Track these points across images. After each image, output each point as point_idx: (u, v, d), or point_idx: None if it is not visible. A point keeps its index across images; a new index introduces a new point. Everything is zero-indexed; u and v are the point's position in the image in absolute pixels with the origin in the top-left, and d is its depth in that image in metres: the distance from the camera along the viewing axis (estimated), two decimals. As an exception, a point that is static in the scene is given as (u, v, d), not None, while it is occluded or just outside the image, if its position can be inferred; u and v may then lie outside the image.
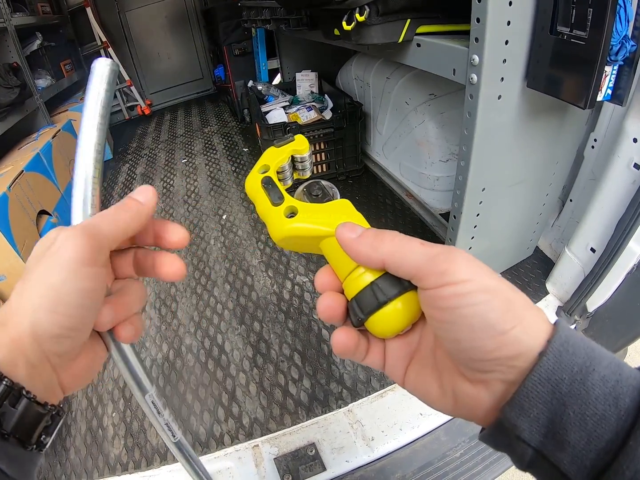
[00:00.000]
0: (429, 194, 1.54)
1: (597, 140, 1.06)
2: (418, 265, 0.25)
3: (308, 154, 0.36)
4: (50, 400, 0.27)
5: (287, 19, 1.40)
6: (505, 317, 0.23)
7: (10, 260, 1.33)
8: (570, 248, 1.08)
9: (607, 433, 0.20)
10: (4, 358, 0.24)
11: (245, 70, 2.75)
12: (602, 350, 0.23)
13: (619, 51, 0.68)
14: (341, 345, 0.30)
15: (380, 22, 0.83)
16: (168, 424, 0.40)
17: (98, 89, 0.29)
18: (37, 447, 0.26)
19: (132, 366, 0.34)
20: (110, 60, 0.29)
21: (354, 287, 0.29)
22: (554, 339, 0.22)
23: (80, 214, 0.29)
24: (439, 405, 0.28)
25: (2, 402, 0.23)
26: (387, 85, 1.59)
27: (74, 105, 2.61)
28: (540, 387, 0.22)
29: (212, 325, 1.28)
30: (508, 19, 0.70)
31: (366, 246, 0.27)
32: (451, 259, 0.24)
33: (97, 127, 0.29)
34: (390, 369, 0.31)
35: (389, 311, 0.27)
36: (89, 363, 0.30)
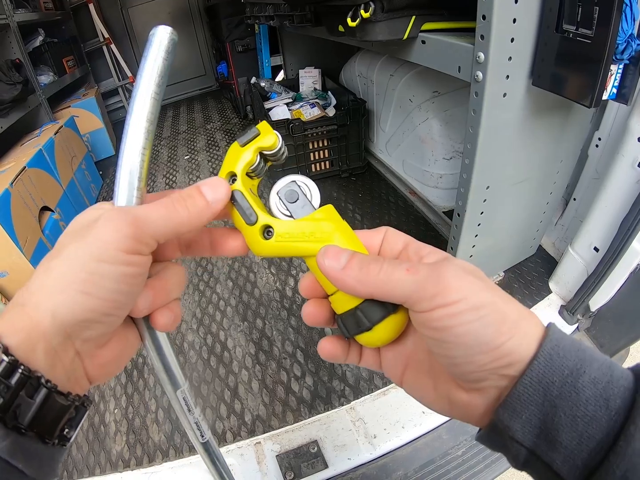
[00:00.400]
0: (432, 192, 1.53)
1: (602, 139, 1.06)
2: (407, 295, 0.25)
3: (279, 145, 0.31)
4: (74, 390, 0.25)
5: (291, 15, 1.39)
6: (499, 331, 0.23)
7: (13, 257, 1.33)
8: (574, 247, 1.08)
9: (598, 433, 0.21)
10: (20, 343, 0.22)
11: (248, 66, 2.74)
12: (593, 352, 0.23)
13: (624, 50, 0.68)
14: (326, 353, 0.31)
15: (385, 18, 0.82)
16: (197, 422, 0.37)
17: (155, 57, 0.27)
18: (60, 441, 0.24)
19: (165, 358, 0.32)
20: (170, 29, 0.27)
21: (339, 306, 0.29)
22: (544, 342, 0.23)
23: (126, 187, 0.27)
24: (435, 408, 0.29)
25: (18, 393, 0.21)
26: (391, 83, 1.58)
27: (76, 102, 2.61)
28: (531, 390, 0.22)
29: (215, 322, 1.28)
30: (514, 17, 0.69)
31: (352, 279, 0.26)
32: (440, 281, 0.24)
33: (151, 96, 0.27)
34: (387, 370, 0.31)
35: (372, 333, 0.28)
36: (119, 352, 0.28)
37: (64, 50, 2.75)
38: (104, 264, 0.23)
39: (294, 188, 0.30)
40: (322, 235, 0.29)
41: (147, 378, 1.15)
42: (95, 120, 2.67)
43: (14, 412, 0.21)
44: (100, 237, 0.23)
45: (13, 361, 0.21)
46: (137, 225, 0.24)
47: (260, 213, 0.29)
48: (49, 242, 1.51)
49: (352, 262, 0.26)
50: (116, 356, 0.28)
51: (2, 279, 1.33)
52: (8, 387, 0.21)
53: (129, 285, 0.25)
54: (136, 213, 0.25)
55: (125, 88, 3.58)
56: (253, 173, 0.32)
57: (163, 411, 1.05)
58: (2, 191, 1.34)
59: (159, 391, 1.10)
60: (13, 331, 0.22)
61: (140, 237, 0.24)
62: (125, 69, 3.43)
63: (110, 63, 3.44)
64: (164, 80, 0.27)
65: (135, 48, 3.60)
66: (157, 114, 0.28)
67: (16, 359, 0.21)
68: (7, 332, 0.22)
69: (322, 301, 0.30)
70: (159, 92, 0.27)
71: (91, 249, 0.23)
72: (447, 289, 0.23)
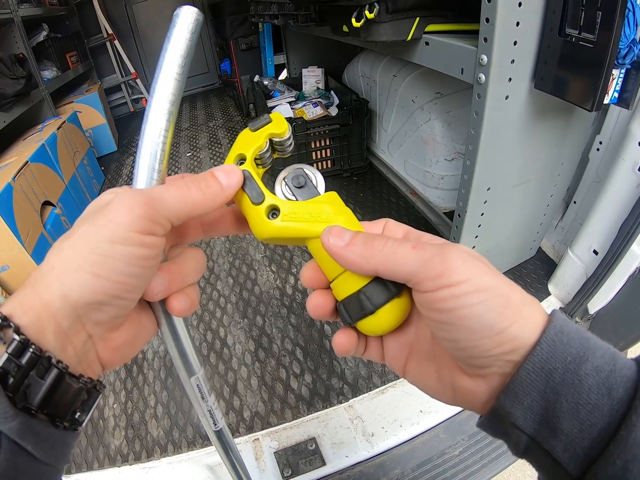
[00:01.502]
0: (433, 193, 1.54)
1: (603, 143, 1.06)
2: (412, 271, 0.24)
3: (288, 135, 0.32)
4: (86, 374, 0.25)
5: (296, 14, 1.40)
6: (503, 315, 0.23)
7: (14, 250, 1.33)
8: (573, 250, 1.08)
9: (600, 422, 0.21)
10: (31, 323, 0.22)
11: (251, 64, 2.75)
12: (597, 341, 0.23)
13: (626, 55, 0.68)
14: (344, 347, 0.30)
15: (389, 19, 0.83)
16: (211, 410, 0.37)
17: (179, 37, 0.26)
18: (71, 425, 0.24)
19: (181, 343, 0.31)
20: (195, 9, 0.26)
21: (341, 291, 0.28)
22: (548, 329, 0.22)
23: (145, 169, 0.26)
24: (439, 396, 0.28)
25: (29, 373, 0.21)
26: (394, 83, 1.59)
27: (79, 97, 2.62)
28: (533, 376, 0.22)
29: (215, 319, 1.29)
30: (517, 20, 0.70)
31: (356, 255, 0.26)
32: (446, 261, 0.23)
33: (174, 77, 0.26)
34: (390, 361, 0.31)
35: (376, 317, 0.27)
36: (133, 336, 0.27)
37: (67, 46, 2.75)
38: (115, 245, 0.23)
39: (301, 174, 0.31)
40: (326, 216, 0.29)
41: (147, 373, 1.15)
42: (98, 116, 2.67)
43: (24, 392, 0.21)
44: (112, 218, 0.23)
45: (24, 340, 0.21)
46: (151, 206, 0.24)
47: (267, 194, 0.29)
48: (51, 236, 1.51)
49: (356, 238, 0.26)
50: (130, 340, 0.27)
51: (4, 272, 1.34)
52: (19, 367, 0.21)
53: (141, 268, 0.24)
54: (150, 193, 0.25)
55: (128, 84, 3.58)
56: (260, 160, 0.32)
57: (162, 406, 1.05)
58: (5, 185, 1.34)
59: (158, 387, 1.11)
60: (23, 311, 0.22)
61: (153, 218, 0.24)
62: (128, 65, 3.43)
63: (114, 59, 3.45)
64: (187, 61, 0.26)
65: (138, 44, 3.61)
66: (179, 95, 0.27)
67: (27, 338, 0.21)
68: (18, 312, 0.22)
69: (327, 292, 0.30)
70: (181, 74, 0.26)
71: (103, 230, 0.23)
72: (452, 269, 0.23)
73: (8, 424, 0.20)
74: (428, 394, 0.29)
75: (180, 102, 0.27)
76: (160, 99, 0.26)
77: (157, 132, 0.26)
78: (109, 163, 2.63)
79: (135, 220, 0.23)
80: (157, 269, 0.26)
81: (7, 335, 0.21)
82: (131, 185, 0.27)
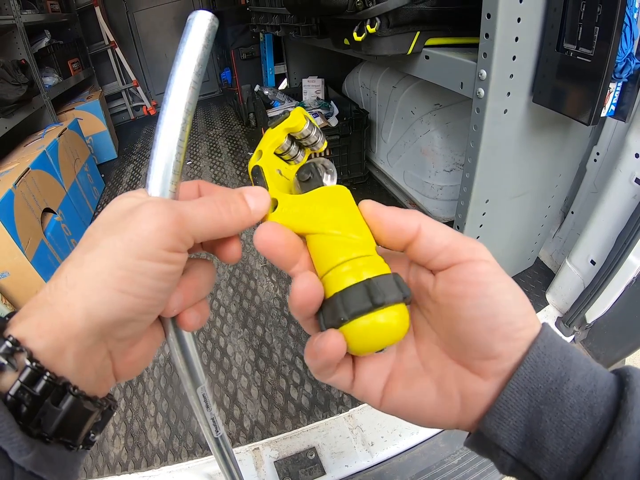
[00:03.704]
0: (432, 203, 1.55)
1: (600, 154, 1.08)
2: (450, 240, 0.25)
3: (305, 127, 0.31)
4: (101, 389, 0.24)
5: (297, 26, 1.41)
6: (525, 300, 0.24)
7: (14, 257, 1.33)
8: (571, 259, 1.09)
9: (584, 439, 0.21)
10: (48, 346, 0.20)
11: (252, 74, 2.76)
12: (580, 361, 0.23)
13: (623, 69, 0.69)
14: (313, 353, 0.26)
15: (390, 34, 0.84)
16: (214, 418, 0.37)
17: (194, 43, 0.25)
18: (84, 446, 0.23)
19: (189, 355, 0.31)
20: (211, 14, 0.25)
21: (340, 281, 0.24)
22: (531, 349, 0.23)
23: (160, 179, 0.25)
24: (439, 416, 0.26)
25: (43, 401, 0.20)
26: (393, 94, 1.60)
27: (80, 104, 2.63)
28: (518, 396, 0.22)
29: (215, 328, 1.29)
30: (516, 35, 0.71)
31: (399, 213, 0.26)
32: (475, 241, 0.25)
33: (190, 85, 0.25)
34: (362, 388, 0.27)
35: (380, 318, 0.23)
36: (148, 349, 0.27)
37: (69, 52, 2.77)
38: (143, 261, 0.22)
39: (310, 168, 0.30)
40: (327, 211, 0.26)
41: (147, 382, 1.15)
42: (99, 123, 2.69)
43: (39, 420, 0.20)
44: (140, 232, 0.22)
45: (38, 368, 0.20)
46: (181, 224, 0.23)
47: (273, 189, 0.28)
48: (51, 243, 1.52)
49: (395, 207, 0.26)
50: (145, 353, 0.27)
51: (3, 279, 1.34)
52: (33, 396, 0.20)
53: (168, 282, 0.24)
54: (181, 211, 0.24)
55: (128, 92, 3.61)
56: (287, 156, 0.32)
57: (162, 415, 1.05)
58: (6, 192, 1.35)
59: (158, 395, 1.11)
60: (40, 333, 0.20)
61: (182, 236, 0.23)
62: (129, 72, 3.46)
63: (115, 66, 3.48)
64: (202, 70, 0.26)
65: (139, 52, 3.64)
66: (195, 104, 0.26)
67: (42, 366, 0.20)
68: (32, 335, 0.20)
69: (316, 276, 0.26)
70: (197, 82, 0.25)
71: (130, 245, 0.22)
72: (482, 248, 0.25)
73: (23, 457, 0.19)
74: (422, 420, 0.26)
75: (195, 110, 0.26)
76: (177, 107, 0.25)
77: (174, 142, 0.26)
78: (109, 170, 2.63)
79: (165, 237, 0.22)
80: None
81: (20, 361, 0.20)
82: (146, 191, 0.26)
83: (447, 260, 0.24)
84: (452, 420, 0.25)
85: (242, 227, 0.26)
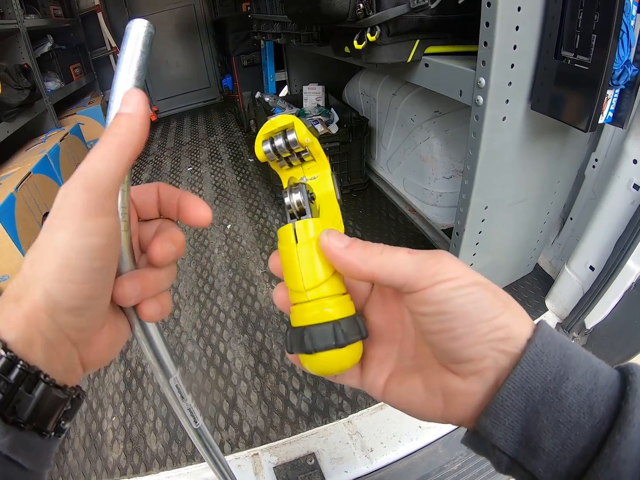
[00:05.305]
0: (431, 210, 1.56)
1: (598, 160, 1.08)
2: (409, 274, 0.25)
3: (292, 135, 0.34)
4: (70, 380, 0.25)
5: (298, 34, 1.43)
6: (495, 304, 0.24)
7: (15, 261, 1.34)
8: (570, 266, 1.10)
9: (582, 440, 0.21)
10: (18, 338, 0.22)
11: (252, 81, 2.78)
12: (580, 358, 0.23)
13: (620, 75, 0.70)
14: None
15: (390, 42, 0.85)
16: (191, 409, 0.38)
17: (133, 50, 0.26)
18: (56, 433, 0.24)
19: (156, 347, 0.32)
20: (147, 21, 0.26)
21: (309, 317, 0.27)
22: (529, 347, 0.23)
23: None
24: (428, 410, 0.27)
25: (17, 388, 0.21)
26: (393, 101, 1.62)
27: (82, 109, 2.65)
28: (514, 395, 0.22)
29: (215, 334, 1.29)
30: (514, 43, 0.72)
31: (356, 258, 0.26)
32: (439, 262, 0.25)
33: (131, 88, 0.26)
34: (369, 383, 0.30)
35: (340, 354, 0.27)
36: (113, 339, 0.28)
37: (71, 57, 2.79)
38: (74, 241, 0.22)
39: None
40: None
41: (146, 387, 1.15)
42: (100, 128, 2.70)
43: (14, 407, 0.21)
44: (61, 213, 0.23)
45: (12, 357, 0.21)
46: (88, 182, 0.23)
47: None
48: (51, 248, 1.52)
49: (356, 243, 0.27)
50: (110, 344, 0.28)
51: (4, 282, 1.34)
52: (7, 383, 0.21)
53: (103, 261, 0.24)
54: (81, 171, 0.23)
55: (130, 98, 3.61)
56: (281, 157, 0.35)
57: (161, 420, 1.05)
58: (7, 195, 1.36)
59: (157, 400, 1.11)
60: (10, 327, 0.22)
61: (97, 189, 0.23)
62: (130, 79, 3.47)
63: (116, 72, 3.49)
64: (143, 73, 0.26)
65: (141, 59, 3.65)
66: None
67: (15, 355, 0.21)
68: (3, 328, 0.22)
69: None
70: (139, 86, 0.26)
71: (59, 230, 0.22)
72: (445, 268, 0.24)
73: (0, 440, 0.20)
74: (415, 414, 0.28)
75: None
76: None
77: None
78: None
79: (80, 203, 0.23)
80: (132, 276, 0.27)
81: None
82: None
83: (409, 290, 0.26)
84: (438, 415, 0.27)
85: (137, 136, 0.25)
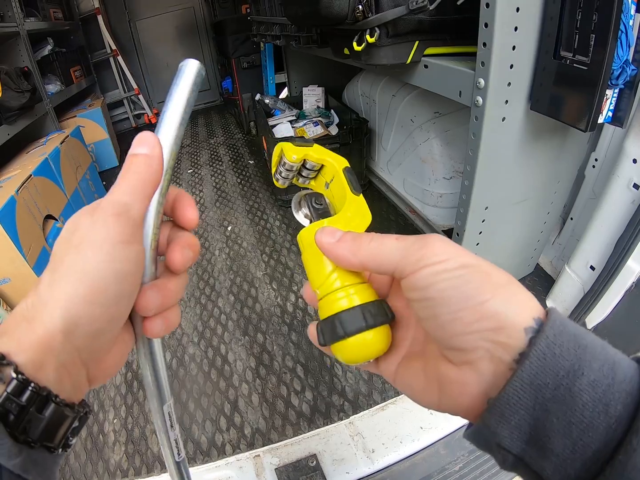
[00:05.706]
0: (432, 211, 1.56)
1: (598, 160, 1.08)
2: (396, 261, 0.25)
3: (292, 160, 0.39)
4: (77, 395, 0.26)
5: (298, 36, 1.43)
6: (481, 288, 0.22)
7: (16, 263, 1.34)
8: (571, 266, 1.10)
9: (595, 442, 0.19)
10: (29, 360, 0.22)
11: (252, 83, 2.79)
12: (596, 349, 0.20)
13: (619, 75, 0.70)
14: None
15: (389, 43, 0.85)
16: (177, 440, 0.36)
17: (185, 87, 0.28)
18: (63, 449, 0.25)
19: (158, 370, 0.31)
20: (199, 63, 0.28)
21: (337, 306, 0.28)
22: (539, 338, 0.21)
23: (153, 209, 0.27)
24: (425, 398, 0.27)
25: (29, 409, 0.22)
26: (393, 103, 1.62)
27: (82, 112, 2.65)
28: (522, 393, 0.20)
29: (216, 336, 1.29)
30: (514, 44, 0.72)
31: (346, 250, 0.27)
32: (425, 245, 0.24)
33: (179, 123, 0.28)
34: (383, 367, 0.31)
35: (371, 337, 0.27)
36: (120, 355, 0.28)
37: (71, 60, 2.79)
38: (103, 265, 0.23)
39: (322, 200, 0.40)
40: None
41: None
42: (100, 130, 2.70)
43: (25, 427, 0.22)
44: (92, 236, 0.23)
45: (24, 380, 0.21)
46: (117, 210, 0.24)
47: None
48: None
49: (346, 235, 0.28)
50: (118, 359, 0.28)
51: (5, 285, 1.34)
52: (19, 405, 0.21)
53: (130, 285, 0.25)
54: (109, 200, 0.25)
55: (130, 100, 3.63)
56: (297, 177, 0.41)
57: (162, 422, 1.05)
58: (8, 198, 1.36)
59: (158, 402, 1.11)
60: (22, 349, 0.22)
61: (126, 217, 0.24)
62: (131, 80, 3.48)
63: (117, 74, 3.50)
64: (190, 110, 0.29)
65: (141, 60, 3.67)
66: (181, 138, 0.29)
67: (26, 378, 0.22)
68: (15, 350, 0.22)
69: None
70: (185, 119, 0.28)
71: (88, 253, 0.23)
72: (432, 251, 0.24)
73: (12, 461, 0.21)
74: (416, 399, 0.28)
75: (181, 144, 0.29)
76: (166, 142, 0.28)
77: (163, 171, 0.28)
78: (110, 178, 2.64)
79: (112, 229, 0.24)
80: (154, 286, 0.27)
81: (6, 374, 0.21)
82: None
83: (399, 276, 0.26)
84: (434, 402, 0.26)
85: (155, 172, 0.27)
